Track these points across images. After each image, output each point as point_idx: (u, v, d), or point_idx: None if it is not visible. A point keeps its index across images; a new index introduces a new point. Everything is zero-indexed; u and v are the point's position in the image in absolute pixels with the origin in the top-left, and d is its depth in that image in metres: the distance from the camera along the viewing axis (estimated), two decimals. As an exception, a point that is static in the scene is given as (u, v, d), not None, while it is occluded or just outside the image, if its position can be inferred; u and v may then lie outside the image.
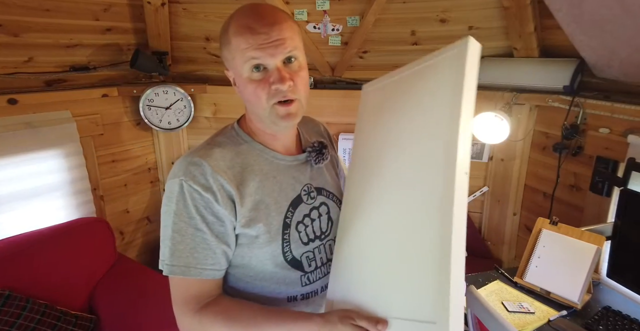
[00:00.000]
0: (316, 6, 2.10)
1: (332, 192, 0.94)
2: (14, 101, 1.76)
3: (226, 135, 0.86)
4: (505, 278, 1.60)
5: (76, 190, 2.09)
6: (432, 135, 0.68)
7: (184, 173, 0.76)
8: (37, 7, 1.79)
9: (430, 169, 0.69)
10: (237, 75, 0.78)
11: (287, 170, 0.86)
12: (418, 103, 0.71)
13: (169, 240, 0.77)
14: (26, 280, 1.63)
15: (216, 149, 0.81)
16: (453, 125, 0.65)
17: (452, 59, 0.65)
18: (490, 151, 2.27)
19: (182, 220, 0.76)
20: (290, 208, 0.85)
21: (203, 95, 2.40)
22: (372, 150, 0.84)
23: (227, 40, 0.77)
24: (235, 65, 0.77)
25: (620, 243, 1.45)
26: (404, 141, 0.74)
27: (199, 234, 0.76)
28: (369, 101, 0.86)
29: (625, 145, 1.53)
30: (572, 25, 1.56)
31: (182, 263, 0.76)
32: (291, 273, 0.85)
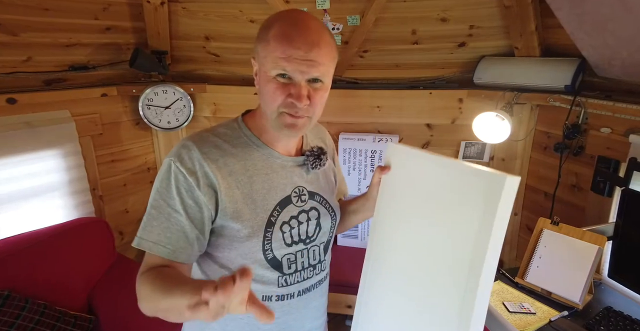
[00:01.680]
0: (316, 5, 2.09)
1: (325, 199, 0.93)
2: (12, 100, 1.76)
3: (228, 126, 0.87)
4: (506, 278, 1.59)
5: (75, 190, 2.09)
6: (462, 238, 0.73)
7: (174, 154, 0.79)
8: (36, 6, 1.78)
9: (457, 265, 0.73)
10: (262, 71, 0.79)
11: (281, 170, 0.87)
12: (462, 196, 0.74)
13: (146, 214, 0.79)
14: (25, 280, 1.63)
15: (213, 138, 0.83)
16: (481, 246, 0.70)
17: (487, 193, 0.69)
18: (491, 151, 2.26)
19: (162, 198, 0.78)
20: (277, 208, 0.84)
21: (203, 94, 2.40)
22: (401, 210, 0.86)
23: (265, 38, 0.77)
24: (265, 63, 0.78)
25: (622, 243, 1.44)
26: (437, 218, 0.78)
27: (175, 215, 0.77)
28: (398, 164, 0.87)
29: (627, 144, 1.52)
30: (573, 24, 1.56)
31: (152, 239, 0.77)
32: (268, 273, 0.85)
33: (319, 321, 0.98)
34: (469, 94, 2.20)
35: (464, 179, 0.73)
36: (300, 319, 0.92)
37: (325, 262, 0.96)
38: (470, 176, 0.72)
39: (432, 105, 2.27)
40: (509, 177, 0.66)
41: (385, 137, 2.34)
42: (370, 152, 2.36)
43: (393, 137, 2.33)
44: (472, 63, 2.18)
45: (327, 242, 0.95)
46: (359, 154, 2.38)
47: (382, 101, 2.33)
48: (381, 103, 2.34)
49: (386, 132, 2.39)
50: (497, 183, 0.67)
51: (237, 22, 2.22)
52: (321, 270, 0.94)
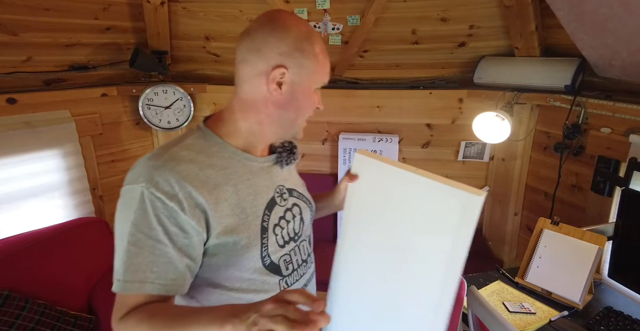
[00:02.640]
0: (316, 5, 2.09)
1: (302, 193, 0.94)
2: (12, 100, 1.75)
3: (195, 136, 0.80)
4: (506, 278, 1.59)
5: (75, 189, 2.09)
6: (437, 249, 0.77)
7: (145, 179, 0.69)
8: (36, 6, 1.78)
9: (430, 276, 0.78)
10: (304, 83, 0.79)
11: (261, 172, 0.84)
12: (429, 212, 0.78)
13: (123, 253, 0.69)
14: (25, 280, 1.63)
15: (184, 152, 0.75)
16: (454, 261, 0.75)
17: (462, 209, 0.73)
18: (492, 151, 2.26)
19: (141, 231, 0.68)
20: (267, 211, 0.82)
21: (203, 94, 2.40)
22: (369, 220, 0.88)
23: (312, 52, 0.78)
24: (311, 77, 0.79)
25: (622, 243, 1.44)
26: (406, 232, 0.81)
27: (160, 247, 0.69)
28: (365, 173, 0.88)
29: (627, 144, 1.52)
30: (573, 24, 1.56)
31: (138, 278, 0.68)
32: (270, 279, 0.82)
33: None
34: (469, 94, 2.20)
35: (435, 196, 0.75)
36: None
37: (312, 254, 0.96)
38: (443, 194, 0.74)
39: (432, 105, 2.27)
40: (481, 196, 0.70)
41: (385, 137, 2.34)
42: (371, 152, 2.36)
43: (393, 137, 2.33)
44: (472, 63, 2.18)
45: (310, 234, 0.96)
46: (359, 154, 2.38)
47: (382, 101, 2.33)
48: (381, 103, 2.34)
49: (386, 132, 2.39)
50: (472, 203, 0.70)
51: (237, 22, 2.22)
52: (311, 262, 0.95)
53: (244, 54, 0.77)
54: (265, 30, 0.76)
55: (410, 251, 0.80)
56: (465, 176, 2.36)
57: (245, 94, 0.79)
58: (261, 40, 0.75)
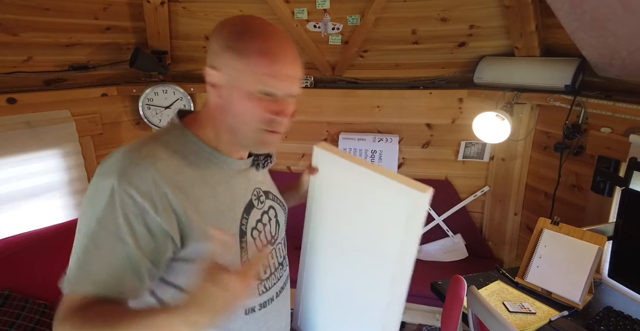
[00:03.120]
0: (316, 5, 2.09)
1: (276, 195, 0.92)
2: (13, 100, 1.75)
3: (172, 134, 0.76)
4: (506, 278, 1.59)
5: (75, 189, 2.09)
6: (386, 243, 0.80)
7: (119, 174, 0.65)
8: (36, 6, 1.78)
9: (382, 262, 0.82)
10: (236, 85, 0.71)
11: (238, 175, 0.81)
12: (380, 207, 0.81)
13: (80, 249, 0.64)
14: (25, 280, 1.63)
15: (162, 149, 0.71)
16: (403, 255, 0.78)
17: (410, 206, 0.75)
18: (492, 151, 2.26)
19: (104, 229, 0.64)
20: (245, 215, 0.79)
21: (203, 94, 2.40)
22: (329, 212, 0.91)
23: (243, 50, 0.69)
24: (243, 77, 0.70)
25: (622, 243, 1.44)
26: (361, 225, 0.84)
27: (122, 247, 0.64)
28: (324, 166, 0.90)
29: (627, 144, 1.52)
30: (573, 24, 1.56)
31: (90, 279, 0.64)
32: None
33: (289, 317, 0.97)
34: (469, 94, 2.20)
35: (384, 193, 0.76)
36: (280, 318, 0.89)
37: (286, 256, 0.95)
38: (391, 191, 0.76)
39: (432, 105, 2.27)
40: (426, 193, 0.71)
41: (385, 136, 2.34)
42: (371, 152, 2.36)
43: (393, 137, 2.33)
44: (472, 63, 2.18)
45: (285, 237, 0.95)
46: (359, 154, 2.38)
47: (382, 101, 2.33)
48: (381, 103, 2.34)
49: (386, 132, 2.39)
50: (418, 200, 0.72)
51: (237, 22, 2.22)
52: (286, 265, 0.93)
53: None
54: (213, 32, 0.74)
55: (363, 247, 0.83)
56: (465, 176, 2.36)
57: (208, 99, 0.77)
58: (210, 42, 0.74)
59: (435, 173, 2.40)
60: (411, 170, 2.42)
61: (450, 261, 2.29)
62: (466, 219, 2.39)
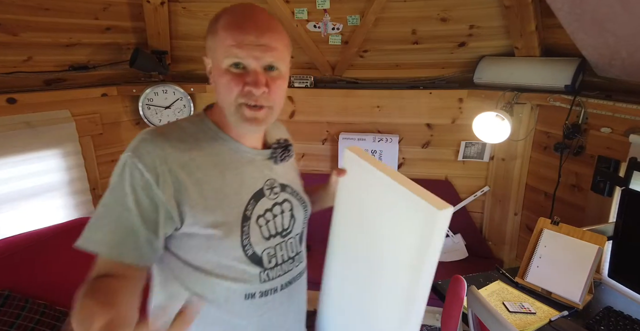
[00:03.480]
0: (316, 5, 2.09)
1: (296, 191, 0.93)
2: (13, 100, 1.76)
3: (191, 120, 0.83)
4: (506, 278, 1.59)
5: (75, 189, 2.09)
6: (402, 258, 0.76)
7: (132, 150, 0.72)
8: (36, 6, 1.78)
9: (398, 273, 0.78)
10: (215, 65, 0.77)
11: (251, 163, 0.84)
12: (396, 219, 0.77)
13: (95, 213, 0.73)
14: (25, 280, 1.63)
15: (176, 131, 0.78)
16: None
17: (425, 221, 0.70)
18: (492, 151, 2.26)
19: (114, 196, 0.71)
20: (252, 201, 0.81)
21: (203, 94, 2.40)
22: (354, 216, 0.89)
23: (214, 30, 0.75)
24: (217, 55, 0.75)
25: (622, 243, 1.44)
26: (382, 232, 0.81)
27: (126, 214, 0.70)
28: (352, 170, 0.89)
29: (627, 144, 1.52)
30: (573, 24, 1.56)
31: (97, 238, 0.71)
32: (250, 269, 0.81)
33: (302, 314, 0.97)
34: (469, 94, 2.20)
35: (404, 204, 0.74)
36: (284, 313, 0.90)
37: (302, 253, 0.94)
38: (410, 203, 0.72)
39: (432, 105, 2.27)
40: (442, 212, 0.66)
41: (385, 136, 2.34)
42: (371, 152, 2.36)
43: (393, 137, 2.33)
44: (472, 63, 2.18)
45: (301, 233, 0.94)
46: (359, 154, 2.38)
47: (382, 101, 2.33)
48: (381, 103, 2.34)
49: (386, 132, 2.39)
50: (433, 216, 0.67)
51: (237, 22, 2.22)
52: (300, 261, 0.93)
53: None
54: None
55: (381, 257, 0.81)
56: (465, 176, 2.36)
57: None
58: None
59: (435, 173, 2.40)
60: (411, 170, 2.42)
61: (450, 261, 2.29)
62: (466, 219, 2.39)
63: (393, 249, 0.78)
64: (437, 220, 0.67)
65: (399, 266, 0.76)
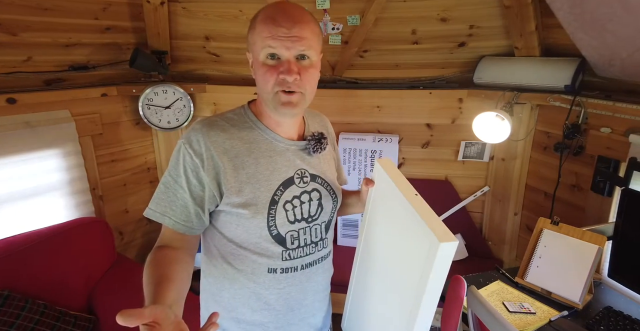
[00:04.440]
0: (316, 5, 2.09)
1: (327, 182, 0.99)
2: (12, 100, 1.75)
3: (235, 112, 0.94)
4: (506, 278, 1.60)
5: (75, 189, 2.09)
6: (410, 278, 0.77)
7: (185, 137, 0.87)
8: (35, 6, 1.78)
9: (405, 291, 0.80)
10: (255, 58, 0.86)
11: (284, 153, 0.93)
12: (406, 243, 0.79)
13: (158, 188, 0.88)
14: (25, 280, 1.63)
15: (221, 122, 0.90)
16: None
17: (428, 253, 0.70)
18: (491, 151, 2.26)
19: (171, 176, 0.87)
20: (281, 188, 0.90)
21: (202, 94, 2.40)
22: (378, 224, 0.92)
23: (253, 26, 0.85)
24: (255, 49, 0.85)
25: (622, 243, 1.44)
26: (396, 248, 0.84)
27: (180, 192, 0.86)
28: (379, 182, 0.91)
29: (627, 144, 1.52)
30: (573, 24, 1.56)
31: (160, 210, 0.87)
32: (273, 247, 0.92)
33: (322, 294, 1.05)
34: (469, 94, 2.20)
35: (414, 228, 0.74)
36: (303, 291, 0.98)
37: (327, 240, 1.01)
38: (418, 229, 0.72)
39: (432, 105, 2.27)
40: (443, 244, 0.66)
41: (385, 136, 2.34)
42: (370, 152, 2.36)
43: (393, 137, 2.33)
44: (472, 63, 2.18)
45: (328, 222, 1.01)
46: (359, 154, 2.38)
47: (382, 101, 2.33)
48: (381, 103, 2.34)
49: (386, 132, 2.39)
50: (435, 245, 0.67)
51: (237, 22, 2.22)
52: (323, 247, 1.00)
53: None
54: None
55: (393, 275, 0.83)
56: (465, 176, 2.36)
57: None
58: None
59: (435, 173, 2.40)
60: (411, 170, 2.42)
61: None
62: (466, 219, 2.39)
63: (403, 269, 0.79)
64: (438, 251, 0.66)
65: (406, 287, 0.77)
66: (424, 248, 0.70)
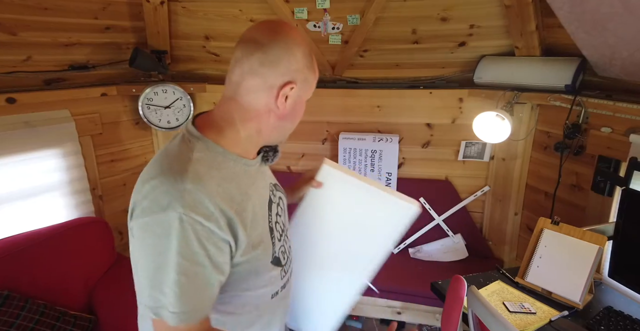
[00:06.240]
0: (316, 4, 2.09)
1: (279, 185, 0.99)
2: (12, 100, 1.75)
3: (198, 149, 0.76)
4: (506, 278, 1.59)
5: (75, 189, 2.09)
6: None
7: (181, 205, 0.68)
8: (35, 5, 1.78)
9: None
10: (304, 95, 0.84)
11: (257, 174, 0.86)
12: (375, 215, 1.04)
13: (173, 284, 0.68)
14: (25, 280, 1.63)
15: (200, 169, 0.73)
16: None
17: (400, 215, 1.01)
18: (492, 150, 2.26)
19: (186, 259, 0.68)
20: (269, 212, 0.86)
21: (202, 94, 2.40)
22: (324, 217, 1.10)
23: (314, 68, 0.84)
24: (309, 89, 0.84)
25: (622, 243, 1.44)
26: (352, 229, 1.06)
27: (201, 271, 0.71)
28: (328, 181, 1.08)
29: (627, 144, 1.52)
30: (574, 24, 1.55)
31: (190, 308, 0.70)
32: (275, 271, 0.88)
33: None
34: (469, 94, 2.19)
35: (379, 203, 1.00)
36: (290, 295, 1.00)
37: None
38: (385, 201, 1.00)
39: (432, 105, 2.27)
40: (415, 207, 0.97)
41: (385, 136, 2.34)
42: (370, 152, 2.36)
43: (393, 137, 2.33)
44: (472, 62, 2.18)
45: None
46: (359, 154, 2.38)
47: (382, 101, 2.33)
48: (381, 103, 2.33)
49: (386, 132, 2.38)
50: (411, 210, 0.97)
51: (237, 22, 2.22)
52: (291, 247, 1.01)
53: (255, 66, 0.76)
54: (280, 46, 0.76)
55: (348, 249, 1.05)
56: (465, 176, 2.36)
57: (248, 104, 0.79)
58: (276, 55, 0.76)
59: (435, 173, 2.40)
60: (411, 170, 2.42)
61: (450, 261, 2.29)
62: (466, 219, 2.38)
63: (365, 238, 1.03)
64: (411, 212, 0.97)
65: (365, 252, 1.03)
66: (397, 214, 0.98)
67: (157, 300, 0.70)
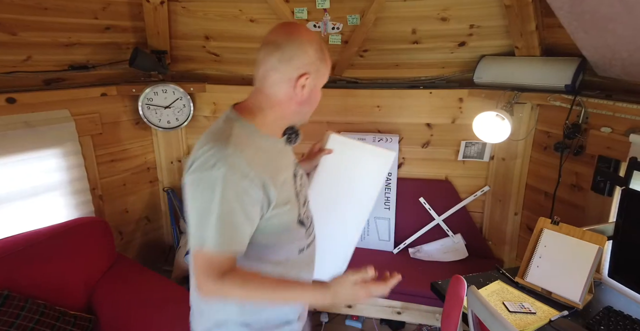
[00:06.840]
0: (316, 4, 2.09)
1: (299, 165, 1.17)
2: (12, 100, 1.75)
3: (237, 126, 0.96)
4: (506, 278, 1.59)
5: (75, 189, 2.09)
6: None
7: (224, 164, 0.87)
8: (35, 5, 1.78)
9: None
10: (318, 83, 1.00)
11: (284, 151, 1.04)
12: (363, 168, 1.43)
13: (216, 220, 0.87)
14: (25, 279, 1.63)
15: (240, 140, 0.92)
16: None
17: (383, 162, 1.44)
18: (492, 150, 2.26)
19: (225, 207, 0.87)
20: (295, 179, 1.05)
21: (202, 94, 2.40)
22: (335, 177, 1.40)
23: (326, 59, 1.00)
24: (322, 76, 1.01)
25: (622, 243, 1.44)
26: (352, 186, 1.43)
27: (236, 218, 0.88)
28: (336, 145, 1.40)
29: (627, 144, 1.52)
30: (573, 24, 1.55)
31: (225, 240, 0.88)
32: (301, 230, 1.06)
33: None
34: (469, 94, 2.19)
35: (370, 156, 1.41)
36: (314, 259, 1.18)
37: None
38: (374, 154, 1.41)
39: (432, 105, 2.27)
40: (393, 152, 1.42)
41: (385, 136, 2.34)
42: (370, 152, 2.36)
43: (393, 137, 2.33)
44: (472, 62, 2.18)
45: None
46: (359, 154, 2.38)
47: (382, 101, 2.33)
48: (381, 102, 2.33)
49: (386, 132, 2.38)
50: (389, 157, 1.42)
51: (236, 22, 2.22)
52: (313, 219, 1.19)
53: (274, 63, 0.94)
54: (294, 45, 0.94)
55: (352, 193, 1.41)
56: (465, 176, 2.36)
57: (273, 94, 0.97)
58: (291, 52, 0.93)
59: (435, 173, 2.40)
60: (411, 170, 2.42)
61: (450, 261, 2.29)
62: (466, 219, 2.38)
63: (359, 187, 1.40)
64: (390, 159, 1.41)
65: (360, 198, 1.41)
66: (381, 163, 1.40)
67: (202, 236, 0.88)
